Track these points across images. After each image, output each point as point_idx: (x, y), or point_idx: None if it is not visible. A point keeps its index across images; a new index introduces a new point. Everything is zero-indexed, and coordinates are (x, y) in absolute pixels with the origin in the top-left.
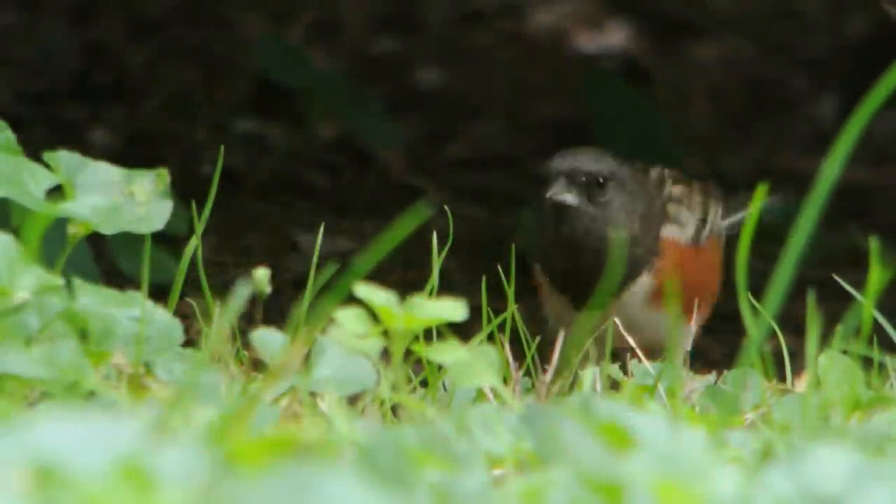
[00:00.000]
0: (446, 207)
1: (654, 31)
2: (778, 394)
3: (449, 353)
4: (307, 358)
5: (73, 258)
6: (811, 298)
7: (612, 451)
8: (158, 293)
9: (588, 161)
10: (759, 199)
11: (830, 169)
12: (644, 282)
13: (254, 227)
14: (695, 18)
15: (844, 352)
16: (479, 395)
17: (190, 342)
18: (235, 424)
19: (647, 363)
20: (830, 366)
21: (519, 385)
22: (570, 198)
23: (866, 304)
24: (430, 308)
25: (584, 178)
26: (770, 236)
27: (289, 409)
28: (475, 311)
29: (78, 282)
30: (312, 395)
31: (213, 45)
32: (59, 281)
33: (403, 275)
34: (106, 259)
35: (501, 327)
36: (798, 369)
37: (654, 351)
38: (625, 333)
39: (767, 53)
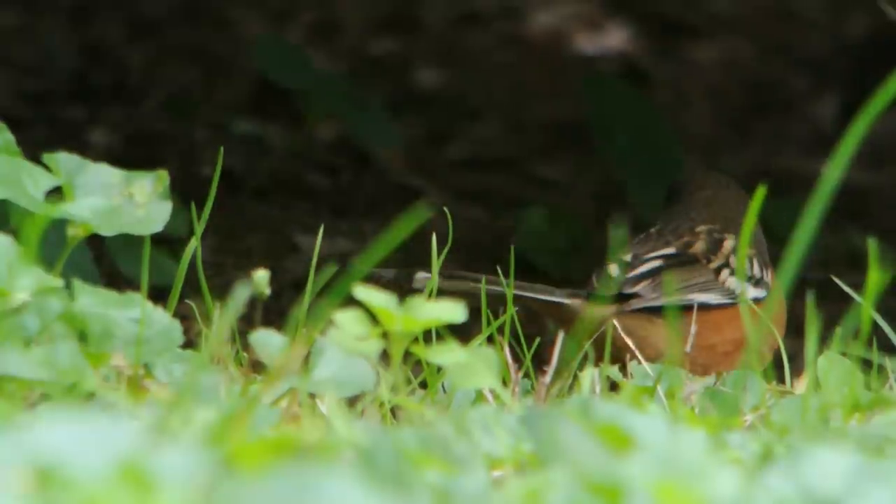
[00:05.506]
0: (446, 209)
1: (654, 33)
2: (777, 395)
3: (448, 354)
4: (306, 359)
5: (73, 259)
6: (810, 300)
7: (612, 453)
8: (158, 295)
9: None
10: (759, 198)
11: (833, 173)
12: None
13: (253, 229)
14: (694, 19)
15: (844, 353)
16: (479, 397)
17: (190, 343)
18: (235, 426)
19: (646, 365)
20: (830, 367)
21: (518, 387)
22: None
23: (865, 306)
24: (429, 309)
25: None
26: (769, 237)
27: (288, 410)
28: (475, 312)
29: (77, 283)
30: (312, 396)
31: (213, 45)
32: (59, 282)
33: None
34: (106, 260)
35: (501, 329)
36: (797, 371)
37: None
38: (625, 337)
39: (766, 54)
